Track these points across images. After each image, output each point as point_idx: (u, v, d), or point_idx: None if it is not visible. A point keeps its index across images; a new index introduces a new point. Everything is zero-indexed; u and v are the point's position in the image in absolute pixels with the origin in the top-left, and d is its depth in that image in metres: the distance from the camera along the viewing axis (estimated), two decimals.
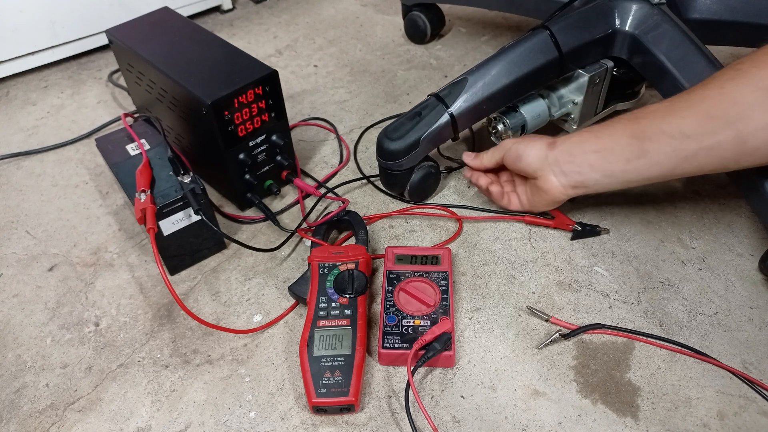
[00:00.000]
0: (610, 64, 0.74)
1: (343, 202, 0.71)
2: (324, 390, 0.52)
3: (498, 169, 0.70)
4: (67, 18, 1.04)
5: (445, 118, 0.68)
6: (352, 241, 0.70)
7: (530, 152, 0.62)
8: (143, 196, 0.60)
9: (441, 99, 0.69)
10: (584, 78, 0.73)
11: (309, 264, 0.62)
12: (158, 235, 0.61)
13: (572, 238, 0.68)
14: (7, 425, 0.55)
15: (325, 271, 0.61)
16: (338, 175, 0.80)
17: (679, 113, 0.54)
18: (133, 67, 0.78)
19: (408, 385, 0.52)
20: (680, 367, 0.55)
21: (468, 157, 0.71)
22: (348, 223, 0.69)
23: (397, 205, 0.74)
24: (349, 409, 0.52)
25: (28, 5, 0.99)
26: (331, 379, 0.52)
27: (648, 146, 0.55)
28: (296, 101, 0.95)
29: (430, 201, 0.75)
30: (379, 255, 0.67)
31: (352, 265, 0.61)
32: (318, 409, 0.53)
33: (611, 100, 0.79)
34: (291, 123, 0.87)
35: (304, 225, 0.71)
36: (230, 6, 1.23)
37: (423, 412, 0.51)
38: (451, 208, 0.73)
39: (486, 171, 0.70)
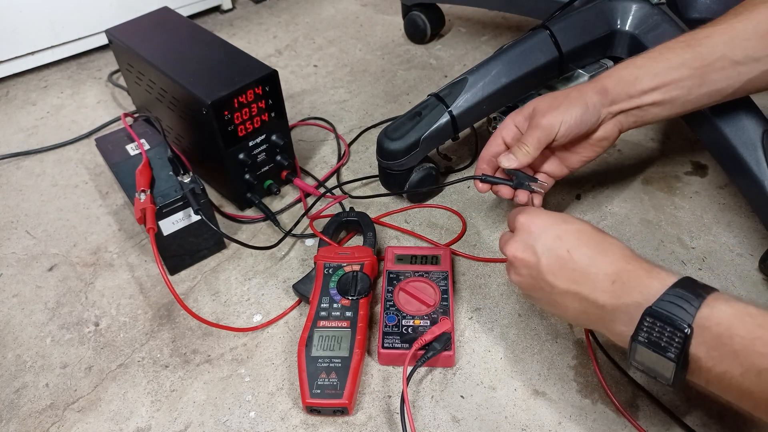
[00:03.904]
0: (610, 64, 0.74)
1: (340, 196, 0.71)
2: (318, 391, 0.52)
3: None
4: (67, 18, 1.04)
5: (446, 117, 0.68)
6: (355, 240, 0.70)
7: (586, 111, 0.56)
8: (143, 196, 0.60)
9: (441, 99, 0.69)
10: (584, 78, 0.73)
11: (315, 263, 0.62)
12: (158, 235, 0.61)
13: None
14: (7, 425, 0.55)
15: (330, 271, 0.61)
16: (340, 174, 0.80)
17: (741, 36, 0.53)
18: (133, 67, 0.78)
19: (403, 396, 0.51)
20: None
21: (508, 160, 0.58)
22: (357, 223, 0.69)
23: (397, 204, 0.74)
24: (342, 411, 0.52)
25: (28, 5, 0.99)
26: (326, 380, 0.52)
27: (713, 76, 0.55)
28: (296, 101, 0.95)
29: (429, 201, 0.75)
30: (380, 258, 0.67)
31: (357, 267, 0.61)
32: (311, 410, 0.52)
33: None
34: (291, 123, 0.87)
35: (307, 219, 0.71)
36: (230, 6, 1.23)
37: (410, 424, 0.50)
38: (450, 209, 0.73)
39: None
